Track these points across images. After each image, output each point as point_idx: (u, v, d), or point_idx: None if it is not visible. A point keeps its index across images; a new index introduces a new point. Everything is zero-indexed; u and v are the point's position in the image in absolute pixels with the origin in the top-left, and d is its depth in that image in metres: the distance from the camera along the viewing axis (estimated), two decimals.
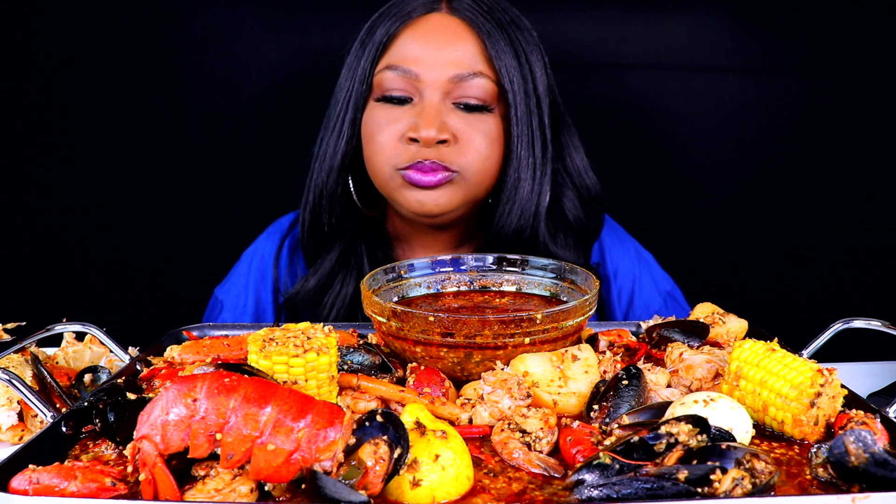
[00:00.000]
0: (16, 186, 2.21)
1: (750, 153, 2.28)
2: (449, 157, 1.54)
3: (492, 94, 1.56)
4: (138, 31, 2.16)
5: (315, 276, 1.70)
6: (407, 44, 1.56)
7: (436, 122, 1.52)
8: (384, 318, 1.17)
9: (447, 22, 1.57)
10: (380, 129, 1.57)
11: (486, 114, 1.57)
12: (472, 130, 1.56)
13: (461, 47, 1.55)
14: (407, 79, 1.55)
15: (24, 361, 1.26)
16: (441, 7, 1.59)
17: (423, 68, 1.54)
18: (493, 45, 1.55)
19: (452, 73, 1.54)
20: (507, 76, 1.55)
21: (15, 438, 1.18)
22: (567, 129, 1.72)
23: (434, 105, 1.54)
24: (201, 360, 1.21)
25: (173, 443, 0.86)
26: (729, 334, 1.28)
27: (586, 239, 1.76)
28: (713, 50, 2.21)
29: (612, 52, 2.20)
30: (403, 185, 1.57)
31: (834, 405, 1.00)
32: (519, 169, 1.59)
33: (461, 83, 1.54)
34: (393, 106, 1.57)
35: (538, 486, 0.90)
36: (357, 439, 0.85)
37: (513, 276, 1.40)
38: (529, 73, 1.58)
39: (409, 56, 1.55)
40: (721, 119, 2.25)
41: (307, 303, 1.70)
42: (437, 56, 1.54)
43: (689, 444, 0.87)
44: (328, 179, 1.65)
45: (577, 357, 1.12)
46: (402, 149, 1.55)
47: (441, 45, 1.55)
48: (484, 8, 1.58)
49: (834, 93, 2.22)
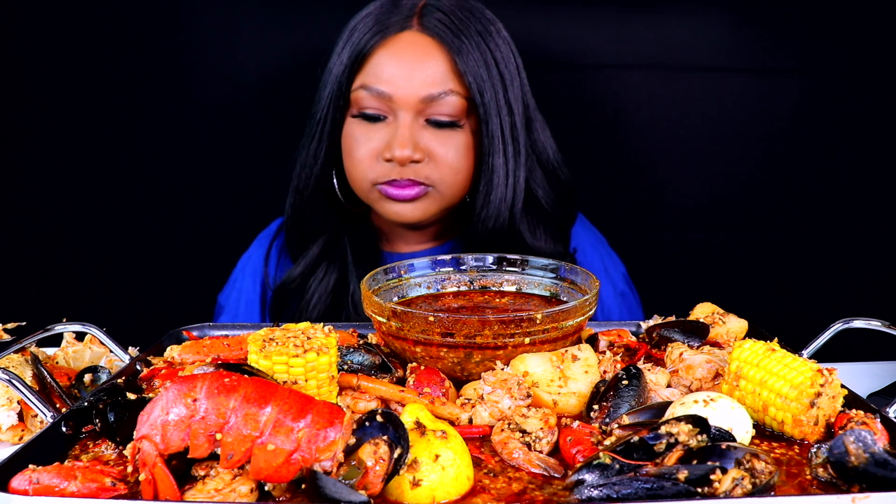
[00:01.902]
0: (16, 186, 2.21)
1: (750, 153, 2.27)
2: (423, 172, 1.63)
3: (461, 109, 1.62)
4: (138, 33, 2.15)
5: (300, 265, 1.77)
6: (381, 63, 1.61)
7: (409, 142, 1.60)
8: (384, 318, 1.17)
9: (418, 41, 1.62)
10: (357, 145, 1.65)
11: (457, 129, 1.64)
12: (444, 147, 1.63)
13: (431, 66, 1.60)
14: (381, 99, 1.61)
15: (24, 361, 1.26)
16: (413, 24, 1.63)
17: (395, 89, 1.60)
18: (463, 61, 1.60)
19: (423, 93, 1.60)
20: (477, 89, 1.61)
21: (15, 438, 1.18)
22: (538, 123, 1.75)
23: (407, 125, 1.61)
24: (201, 360, 1.21)
25: (173, 443, 0.86)
26: (729, 334, 1.28)
27: (563, 225, 1.82)
28: (713, 50, 2.21)
29: (612, 52, 2.20)
30: (381, 199, 1.67)
31: (834, 405, 1.00)
32: (492, 175, 1.65)
33: (432, 102, 1.60)
34: (369, 123, 1.64)
35: (538, 486, 0.90)
36: (357, 439, 0.85)
37: (513, 276, 1.40)
38: (500, 81, 1.63)
39: (383, 76, 1.61)
40: (721, 119, 2.25)
41: (294, 291, 1.77)
42: (409, 76, 1.59)
43: (689, 444, 0.87)
44: (307, 185, 1.73)
45: (577, 357, 1.12)
46: (378, 166, 1.63)
47: (413, 64, 1.60)
48: (454, 21, 1.62)
49: (834, 93, 2.22)
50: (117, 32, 2.15)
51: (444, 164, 1.63)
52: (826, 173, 2.27)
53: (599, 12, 2.18)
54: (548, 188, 1.76)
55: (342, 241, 1.78)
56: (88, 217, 2.24)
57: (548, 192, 1.76)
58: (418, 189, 1.63)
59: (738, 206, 2.30)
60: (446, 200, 1.69)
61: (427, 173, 1.63)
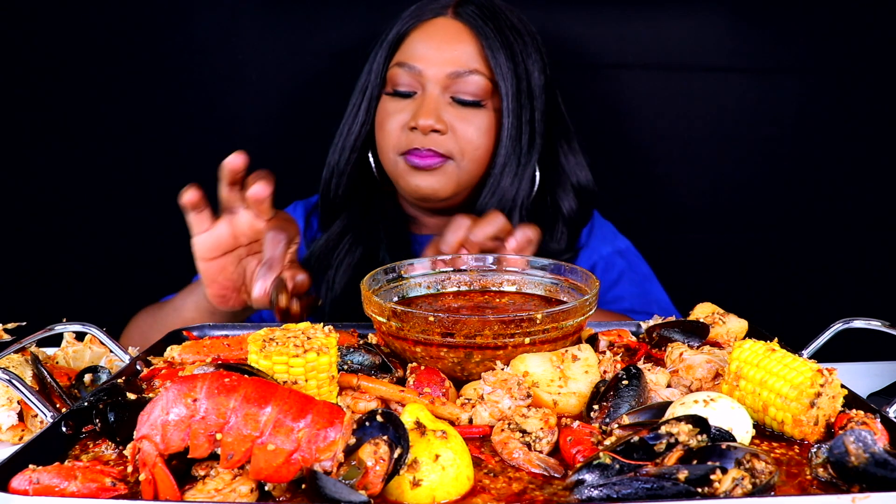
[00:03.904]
0: (16, 186, 2.21)
1: (750, 153, 2.28)
2: (443, 144, 1.71)
3: (486, 90, 1.72)
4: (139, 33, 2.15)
5: (325, 237, 1.87)
6: (415, 44, 1.75)
7: (433, 113, 1.70)
8: (384, 318, 1.17)
9: (451, 25, 1.75)
10: (388, 118, 1.76)
11: (480, 108, 1.74)
12: (466, 123, 1.73)
13: (460, 48, 1.72)
14: (412, 74, 1.73)
15: (24, 361, 1.25)
16: (447, 12, 1.76)
17: (425, 65, 1.72)
18: (490, 46, 1.71)
19: (450, 70, 1.71)
20: (501, 74, 1.71)
21: (15, 438, 1.18)
22: (564, 129, 1.87)
23: (433, 98, 1.71)
24: (201, 360, 1.21)
25: (173, 443, 0.86)
26: (729, 334, 1.28)
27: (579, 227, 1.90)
28: (713, 50, 2.21)
29: (612, 52, 2.20)
30: (405, 170, 1.75)
31: (834, 405, 1.00)
32: (504, 157, 1.75)
33: (458, 79, 1.71)
34: (400, 99, 1.76)
35: (538, 486, 0.90)
36: (357, 439, 0.85)
37: (513, 276, 1.40)
38: (525, 73, 1.74)
39: (416, 54, 1.74)
40: (721, 119, 2.25)
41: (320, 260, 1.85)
42: (438, 55, 1.72)
43: (689, 444, 0.87)
44: (340, 158, 1.85)
45: (577, 357, 1.12)
46: (404, 136, 1.74)
47: (443, 45, 1.72)
48: (486, 14, 1.75)
49: (834, 93, 2.22)
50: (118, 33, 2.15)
51: (464, 139, 1.72)
52: (826, 173, 2.27)
53: (600, 12, 2.18)
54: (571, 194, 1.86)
55: (370, 219, 1.86)
56: (89, 217, 2.24)
57: (570, 198, 1.85)
58: (438, 160, 1.72)
59: (737, 206, 2.30)
60: (463, 177, 1.76)
61: (448, 146, 1.72)
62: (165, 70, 2.18)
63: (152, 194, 2.24)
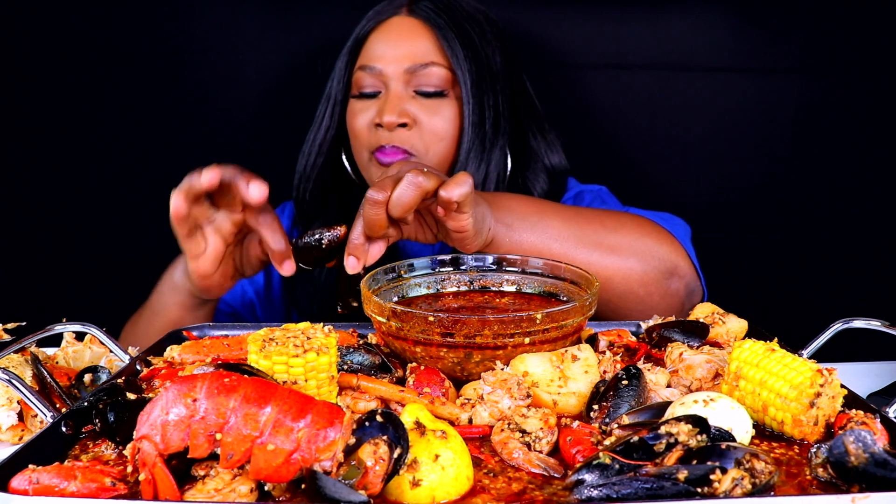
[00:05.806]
0: (16, 186, 2.21)
1: (750, 153, 2.27)
2: (408, 140, 1.74)
3: (446, 80, 1.76)
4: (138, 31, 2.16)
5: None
6: (374, 45, 1.79)
7: (396, 108, 1.72)
8: (384, 318, 1.17)
9: (406, 22, 1.79)
10: (355, 118, 1.80)
11: (444, 98, 1.76)
12: (430, 114, 1.75)
13: (417, 42, 1.76)
14: (374, 75, 1.77)
15: (24, 361, 1.25)
16: (402, 11, 1.80)
17: (385, 64, 1.76)
18: (445, 37, 1.75)
19: (408, 64, 1.74)
20: (458, 62, 1.74)
21: (15, 438, 1.18)
22: (533, 112, 1.90)
23: (396, 94, 1.75)
24: (201, 360, 1.21)
25: (173, 443, 0.86)
26: (729, 334, 1.28)
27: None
28: (713, 50, 2.21)
29: (612, 52, 2.20)
30: (376, 168, 1.78)
31: (834, 405, 1.00)
32: (469, 143, 1.76)
33: (418, 73, 1.74)
34: (367, 100, 1.80)
35: (538, 486, 0.90)
36: (357, 439, 0.85)
37: (513, 276, 1.40)
38: (485, 59, 1.77)
39: (375, 55, 1.78)
40: (721, 119, 2.25)
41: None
42: (396, 52, 1.76)
43: (688, 444, 0.87)
44: (307, 163, 1.89)
45: (577, 357, 1.12)
46: (373, 134, 1.77)
47: (399, 42, 1.77)
48: (440, 7, 1.78)
49: (834, 93, 2.22)
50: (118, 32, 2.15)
51: (428, 132, 1.74)
52: (826, 173, 2.27)
53: (599, 12, 2.18)
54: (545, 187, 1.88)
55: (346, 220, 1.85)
56: (88, 217, 2.24)
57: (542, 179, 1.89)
58: (402, 157, 1.73)
59: (737, 207, 2.30)
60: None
61: (413, 142, 1.74)
62: (165, 70, 2.18)
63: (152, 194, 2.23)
